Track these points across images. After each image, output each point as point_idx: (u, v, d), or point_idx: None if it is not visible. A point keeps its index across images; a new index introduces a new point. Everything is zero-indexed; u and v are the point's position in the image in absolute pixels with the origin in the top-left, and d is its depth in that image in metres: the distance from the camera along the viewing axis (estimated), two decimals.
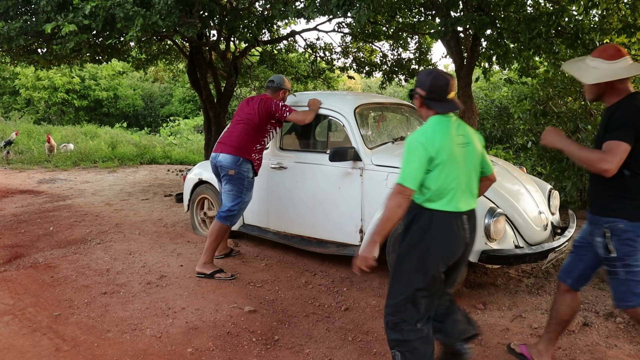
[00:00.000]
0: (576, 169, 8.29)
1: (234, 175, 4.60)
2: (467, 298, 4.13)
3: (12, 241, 5.88)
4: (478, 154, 2.77)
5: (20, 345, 3.35)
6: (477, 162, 2.76)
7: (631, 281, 2.66)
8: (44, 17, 6.68)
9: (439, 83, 2.67)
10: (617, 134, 2.53)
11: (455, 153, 2.62)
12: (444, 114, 2.70)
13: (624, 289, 2.70)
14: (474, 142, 2.75)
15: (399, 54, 11.67)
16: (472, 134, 2.79)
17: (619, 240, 2.66)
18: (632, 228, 2.64)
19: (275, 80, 4.88)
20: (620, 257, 2.66)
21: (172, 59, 13.81)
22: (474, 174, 2.75)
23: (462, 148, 2.67)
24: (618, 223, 2.67)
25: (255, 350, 3.32)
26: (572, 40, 7.05)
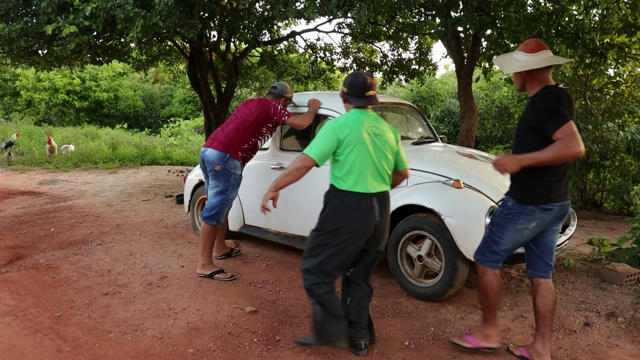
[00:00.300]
0: (577, 169, 8.29)
1: (219, 171, 4.56)
2: (468, 298, 4.13)
3: (13, 242, 5.89)
4: (390, 146, 3.17)
5: (22, 346, 3.35)
6: (388, 152, 3.15)
7: (487, 243, 3.14)
8: (44, 18, 6.68)
9: (357, 82, 3.16)
10: (559, 119, 2.73)
11: (364, 141, 3.06)
12: (361, 107, 3.17)
13: (481, 244, 3.20)
14: (386, 135, 3.16)
15: (399, 54, 11.68)
16: (386, 128, 3.21)
17: (501, 212, 3.09)
18: (514, 208, 3.02)
19: (277, 87, 4.87)
20: (494, 222, 3.12)
21: (172, 59, 13.83)
22: (384, 162, 3.13)
23: (372, 137, 3.09)
24: (508, 200, 3.07)
25: (256, 350, 3.32)
26: (573, 40, 7.05)
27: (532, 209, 2.96)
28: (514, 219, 3.01)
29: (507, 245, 3.08)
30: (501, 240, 3.07)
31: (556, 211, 2.98)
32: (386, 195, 3.19)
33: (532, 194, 2.96)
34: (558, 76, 8.80)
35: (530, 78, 2.97)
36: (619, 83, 8.40)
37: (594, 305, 3.97)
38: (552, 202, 2.95)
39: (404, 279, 4.17)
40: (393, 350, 3.32)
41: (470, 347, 3.25)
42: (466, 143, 8.05)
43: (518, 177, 3.01)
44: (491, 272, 3.15)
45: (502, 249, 3.09)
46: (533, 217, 2.98)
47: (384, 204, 3.17)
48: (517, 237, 3.05)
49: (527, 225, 3.00)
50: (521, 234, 3.03)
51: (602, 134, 8.19)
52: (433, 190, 4.01)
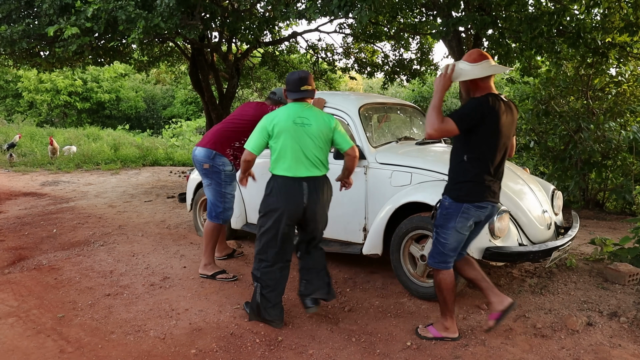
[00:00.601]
0: (579, 168, 8.28)
1: (208, 169, 4.57)
2: (470, 298, 4.13)
3: (15, 243, 5.90)
4: (321, 133, 3.51)
5: (25, 346, 3.35)
6: (317, 140, 3.50)
7: (435, 247, 3.31)
8: (46, 20, 6.71)
9: (292, 78, 3.60)
10: (455, 115, 3.04)
11: (291, 130, 3.45)
12: (296, 100, 3.58)
13: (432, 249, 3.36)
14: (314, 124, 3.49)
15: (400, 54, 11.68)
16: (317, 117, 3.53)
17: (440, 212, 3.27)
18: (452, 207, 3.19)
19: (277, 92, 4.82)
20: (436, 225, 3.30)
21: (174, 60, 13.86)
22: (313, 149, 3.49)
23: (299, 127, 3.47)
24: (445, 199, 3.25)
25: (258, 351, 3.32)
26: (574, 39, 7.05)
27: (467, 207, 3.16)
28: (453, 218, 3.19)
29: (453, 244, 3.26)
30: (446, 242, 3.25)
31: (489, 210, 3.24)
32: (318, 179, 3.53)
33: (468, 192, 3.15)
34: (560, 75, 8.80)
35: (474, 86, 3.18)
36: (621, 82, 8.39)
37: (596, 305, 3.96)
38: (486, 201, 3.18)
39: (407, 279, 4.17)
40: (395, 351, 3.32)
41: (432, 337, 3.46)
42: None
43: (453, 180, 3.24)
44: (445, 271, 3.33)
45: (449, 249, 3.27)
46: (469, 214, 3.18)
47: (315, 187, 3.51)
48: (459, 236, 3.25)
49: (465, 223, 3.20)
50: (461, 233, 3.23)
51: (604, 133, 8.18)
52: (437, 189, 4.00)
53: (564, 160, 8.55)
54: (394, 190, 4.31)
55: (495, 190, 3.22)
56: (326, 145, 3.58)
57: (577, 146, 8.19)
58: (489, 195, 3.18)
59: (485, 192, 3.16)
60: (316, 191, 3.51)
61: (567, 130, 8.64)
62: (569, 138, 8.66)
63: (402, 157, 4.42)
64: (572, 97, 9.01)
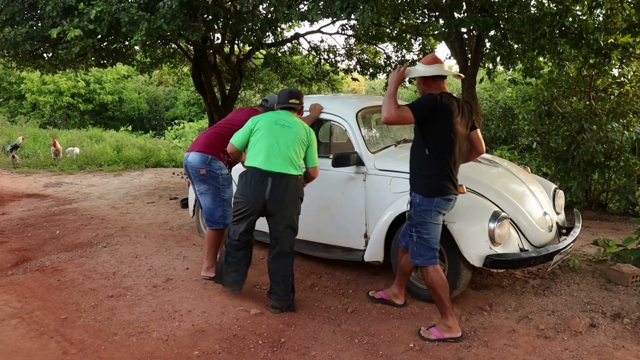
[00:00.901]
0: (581, 169, 8.27)
1: (206, 174, 4.50)
2: (473, 299, 4.13)
3: (19, 245, 5.91)
4: (298, 137, 3.84)
5: (28, 348, 3.36)
6: (294, 141, 3.82)
7: (420, 245, 3.44)
8: (49, 22, 6.72)
9: (284, 92, 4.07)
10: (412, 104, 3.34)
11: (270, 128, 3.83)
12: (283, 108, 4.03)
13: (414, 250, 3.48)
14: (293, 128, 3.86)
15: (402, 55, 11.68)
16: (297, 124, 3.89)
17: (414, 211, 3.46)
18: (424, 202, 3.41)
19: (269, 100, 4.76)
20: (414, 224, 3.45)
21: (176, 62, 13.87)
22: (288, 148, 3.79)
23: (279, 126, 3.84)
24: (416, 197, 3.45)
25: (261, 352, 3.32)
26: (577, 40, 7.04)
27: (438, 201, 3.41)
28: (428, 213, 3.41)
29: (435, 237, 3.45)
30: (430, 236, 3.43)
31: (453, 202, 3.52)
32: (284, 177, 3.75)
33: (436, 186, 3.40)
34: (562, 76, 8.79)
35: (427, 87, 3.51)
36: (624, 83, 8.37)
37: (599, 306, 3.96)
38: (452, 193, 3.45)
39: (408, 281, 4.17)
40: (398, 352, 3.32)
41: (435, 339, 3.47)
42: None
43: (417, 175, 3.49)
44: (432, 269, 3.44)
45: (433, 242, 3.44)
46: (440, 207, 3.43)
47: (279, 184, 3.73)
48: (438, 227, 3.46)
49: (439, 215, 3.45)
50: (438, 224, 3.46)
51: (606, 134, 8.16)
52: None
53: (566, 161, 8.54)
54: (394, 196, 4.29)
55: (455, 183, 3.50)
56: (300, 150, 3.86)
57: (580, 147, 8.18)
58: (453, 188, 3.46)
59: (449, 185, 3.43)
60: (279, 188, 3.74)
61: (570, 131, 8.63)
62: (571, 139, 8.65)
63: (401, 162, 4.34)
64: (574, 98, 9.00)
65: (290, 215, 3.85)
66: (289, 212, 3.83)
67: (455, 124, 3.37)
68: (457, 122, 3.39)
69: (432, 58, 3.50)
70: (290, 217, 3.86)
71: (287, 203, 3.80)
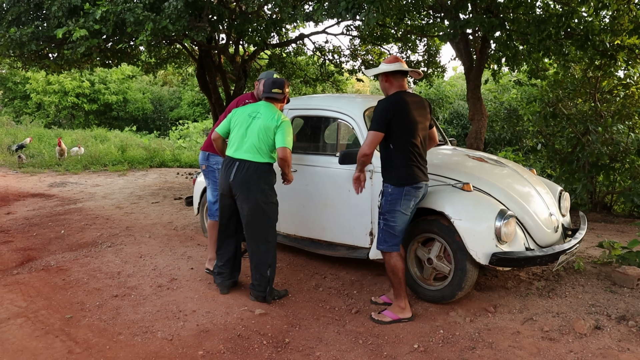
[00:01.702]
0: (586, 171, 8.25)
1: (205, 169, 4.81)
2: (478, 301, 4.12)
3: (24, 244, 5.93)
4: (265, 128, 4.02)
5: (33, 347, 3.37)
6: (261, 132, 4.02)
7: (386, 232, 3.72)
8: (55, 22, 6.74)
9: (268, 81, 4.21)
10: (372, 125, 3.66)
11: (244, 120, 4.10)
12: (264, 99, 4.21)
13: (380, 236, 3.76)
14: (262, 118, 4.06)
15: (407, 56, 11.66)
16: (267, 114, 4.07)
17: (385, 199, 3.73)
18: (395, 192, 3.67)
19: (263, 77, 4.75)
20: (383, 212, 3.73)
21: (181, 62, 13.89)
22: (254, 138, 4.03)
23: (251, 119, 4.09)
24: (387, 187, 3.72)
25: (265, 353, 3.32)
26: (582, 41, 7.02)
27: (408, 189, 3.66)
28: (398, 202, 3.66)
29: (401, 226, 3.71)
30: (395, 224, 3.69)
31: (423, 189, 3.76)
32: (249, 163, 4.02)
33: (404, 176, 3.66)
34: (567, 78, 8.77)
35: (389, 84, 3.82)
36: (629, 85, 8.35)
37: (604, 308, 3.94)
38: (421, 181, 3.71)
39: (413, 282, 4.17)
40: (402, 353, 3.32)
41: (390, 321, 3.75)
42: (475, 145, 8.03)
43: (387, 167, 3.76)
44: (396, 254, 3.72)
45: (398, 230, 3.70)
46: (410, 195, 3.68)
47: (242, 169, 4.01)
48: (405, 217, 3.71)
49: (409, 204, 3.69)
50: (405, 214, 3.70)
51: (612, 136, 8.14)
52: (442, 194, 4.00)
53: (571, 162, 8.51)
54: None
55: (424, 172, 3.78)
56: (267, 137, 4.03)
57: (585, 149, 8.16)
58: (421, 176, 3.72)
59: (417, 173, 3.69)
60: (242, 172, 4.01)
61: (575, 133, 8.61)
62: (576, 140, 8.63)
63: None
64: (579, 100, 8.98)
65: (254, 200, 4.02)
66: (253, 196, 4.01)
67: (411, 119, 3.67)
68: (414, 117, 3.69)
69: (393, 58, 3.85)
70: (255, 202, 4.02)
71: (251, 187, 4.01)
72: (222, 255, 4.35)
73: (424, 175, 3.77)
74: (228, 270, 4.34)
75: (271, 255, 4.15)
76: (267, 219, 4.11)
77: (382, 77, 3.84)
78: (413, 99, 3.79)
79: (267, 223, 4.12)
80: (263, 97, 4.23)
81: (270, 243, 4.15)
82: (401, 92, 3.77)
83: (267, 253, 4.12)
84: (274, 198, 4.18)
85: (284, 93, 4.21)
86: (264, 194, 4.06)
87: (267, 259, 4.11)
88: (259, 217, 4.08)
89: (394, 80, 3.81)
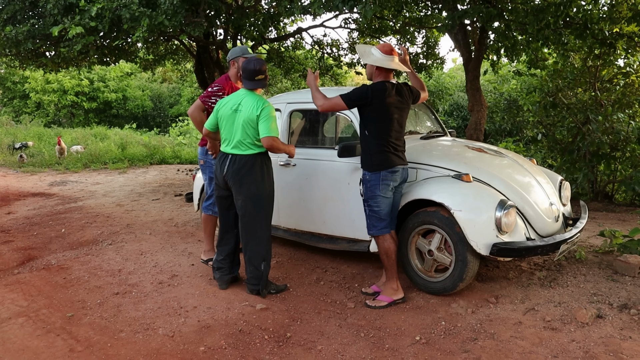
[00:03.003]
0: (587, 160, 8.22)
1: (203, 165, 4.85)
2: (479, 292, 4.11)
3: (25, 244, 5.93)
4: (247, 120, 3.96)
5: (35, 346, 3.37)
6: (243, 125, 3.97)
7: (372, 217, 3.87)
8: (50, 20, 6.71)
9: (248, 68, 4.03)
10: (344, 95, 3.80)
11: (227, 115, 4.05)
12: (248, 89, 4.07)
13: (368, 222, 3.92)
14: (244, 110, 3.98)
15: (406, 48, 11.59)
16: (248, 106, 3.97)
17: (365, 186, 3.89)
18: (372, 177, 3.82)
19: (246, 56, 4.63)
20: (366, 198, 3.88)
21: (179, 59, 13.85)
22: (239, 132, 3.99)
23: (235, 113, 4.02)
24: (365, 174, 3.87)
25: (267, 347, 3.32)
26: (581, 30, 6.98)
27: (384, 174, 3.79)
28: (377, 187, 3.80)
29: (385, 209, 3.85)
30: (379, 208, 3.83)
31: (400, 173, 3.87)
32: (238, 157, 4.04)
33: (379, 162, 3.79)
34: (567, 67, 8.73)
35: (377, 72, 3.89)
36: (629, 73, 8.30)
37: (606, 297, 3.93)
38: (397, 165, 3.82)
39: (414, 274, 4.16)
40: (404, 345, 3.31)
41: (386, 304, 3.89)
42: (475, 136, 8.01)
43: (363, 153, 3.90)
44: (387, 237, 3.88)
45: (383, 214, 3.84)
46: (388, 180, 3.81)
47: (233, 163, 4.04)
48: (387, 200, 3.85)
49: (387, 188, 3.82)
50: (387, 197, 3.84)
51: (612, 125, 8.11)
52: (442, 185, 3.99)
53: (572, 152, 8.49)
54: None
55: (401, 156, 3.90)
56: (250, 128, 3.99)
57: (586, 138, 8.13)
58: (397, 161, 3.84)
59: (393, 158, 3.81)
60: (233, 166, 4.03)
61: (575, 122, 8.57)
62: (577, 130, 8.60)
63: (407, 153, 4.36)
64: (579, 89, 8.94)
65: (246, 191, 4.05)
66: (245, 188, 4.05)
67: (388, 107, 3.77)
68: (392, 104, 3.78)
69: (390, 48, 3.85)
70: (247, 193, 4.05)
71: (242, 180, 4.04)
72: (222, 250, 4.35)
73: (400, 159, 3.89)
74: (227, 265, 4.35)
75: (264, 248, 4.14)
76: (259, 210, 4.10)
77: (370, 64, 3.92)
78: (395, 88, 3.87)
79: (260, 215, 4.11)
80: (247, 87, 4.10)
81: (263, 236, 4.15)
82: (385, 81, 3.85)
83: (260, 246, 4.12)
84: (267, 190, 4.14)
85: (266, 76, 4.12)
86: (256, 185, 4.05)
87: (261, 252, 4.12)
88: (252, 209, 4.08)
89: (383, 70, 3.88)
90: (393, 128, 3.83)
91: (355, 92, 3.78)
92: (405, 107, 3.95)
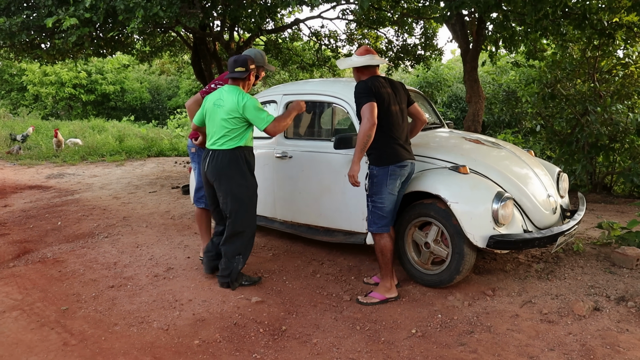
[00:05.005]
0: (586, 152, 8.20)
1: (195, 152, 4.76)
2: (476, 284, 4.09)
3: (20, 236, 5.90)
4: (228, 113, 3.95)
5: (29, 339, 3.35)
6: (224, 120, 3.97)
7: (375, 213, 3.79)
8: (45, 11, 6.65)
9: (230, 61, 4.09)
10: (362, 100, 3.66)
11: (211, 113, 4.06)
12: (229, 79, 4.11)
13: (370, 217, 3.83)
14: (225, 105, 3.96)
15: (404, 39, 11.57)
16: (229, 100, 3.96)
17: (371, 181, 3.80)
18: (380, 172, 3.74)
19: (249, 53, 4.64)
20: (370, 194, 3.80)
21: (176, 50, 13.78)
22: (218, 127, 4.00)
23: (217, 108, 4.01)
24: (373, 169, 3.78)
25: (262, 340, 3.30)
26: (580, 20, 6.93)
27: (393, 168, 3.73)
28: (384, 182, 3.73)
29: (389, 206, 3.78)
30: (384, 205, 3.75)
31: (409, 167, 3.83)
32: (216, 152, 4.03)
33: (388, 156, 3.72)
34: (566, 58, 8.68)
35: (361, 74, 3.89)
36: (628, 64, 8.26)
37: (603, 289, 3.91)
38: (405, 160, 3.78)
39: (411, 266, 4.14)
40: (400, 338, 3.29)
41: (378, 301, 3.82)
42: (472, 128, 7.98)
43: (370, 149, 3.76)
44: (386, 235, 3.81)
45: (386, 211, 3.77)
46: (396, 175, 3.74)
47: (213, 158, 4.04)
48: (392, 197, 3.78)
49: (395, 184, 3.76)
50: (393, 192, 3.78)
51: (611, 116, 8.07)
52: (439, 177, 3.96)
53: (570, 144, 8.46)
54: None
55: (409, 150, 3.87)
56: (231, 123, 3.97)
57: (584, 129, 8.10)
58: (406, 155, 3.80)
59: (401, 152, 3.76)
60: (214, 161, 4.03)
61: (574, 114, 8.54)
62: (575, 121, 8.57)
63: None
64: (578, 80, 8.90)
65: (227, 187, 4.04)
66: (224, 184, 4.04)
67: (388, 101, 3.75)
68: (388, 99, 3.76)
69: (364, 49, 3.91)
70: (228, 188, 4.04)
71: (221, 176, 4.03)
72: (218, 239, 4.36)
73: (408, 153, 3.85)
74: (215, 251, 4.36)
75: (242, 244, 4.14)
76: (240, 207, 4.08)
77: (354, 68, 3.94)
78: (385, 82, 3.88)
79: (241, 211, 4.09)
80: (228, 78, 4.12)
81: (243, 232, 4.13)
82: (374, 76, 3.84)
83: (239, 241, 4.13)
84: (248, 186, 4.11)
85: (248, 70, 4.07)
86: (236, 181, 4.03)
87: (238, 248, 4.12)
88: (233, 206, 4.07)
89: (364, 70, 3.89)
90: (397, 121, 3.80)
91: (362, 91, 3.71)
92: (403, 102, 3.95)
